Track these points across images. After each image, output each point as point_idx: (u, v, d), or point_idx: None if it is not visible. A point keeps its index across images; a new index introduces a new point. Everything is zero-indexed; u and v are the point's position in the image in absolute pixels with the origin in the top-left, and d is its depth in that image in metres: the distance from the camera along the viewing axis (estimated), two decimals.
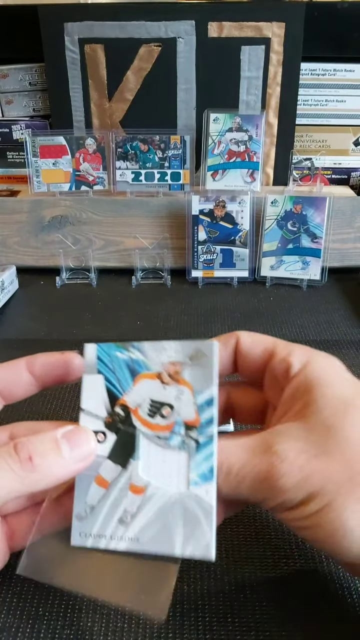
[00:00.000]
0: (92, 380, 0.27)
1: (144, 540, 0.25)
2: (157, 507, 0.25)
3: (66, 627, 0.29)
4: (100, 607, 0.30)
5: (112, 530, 0.25)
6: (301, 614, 0.30)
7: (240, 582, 0.32)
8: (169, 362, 0.26)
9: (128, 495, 0.26)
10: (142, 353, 0.27)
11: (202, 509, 0.25)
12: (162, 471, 0.25)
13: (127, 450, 0.26)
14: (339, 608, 0.30)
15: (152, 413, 0.26)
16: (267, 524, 0.35)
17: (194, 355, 0.26)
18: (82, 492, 0.26)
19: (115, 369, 0.27)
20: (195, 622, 0.29)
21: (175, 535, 0.25)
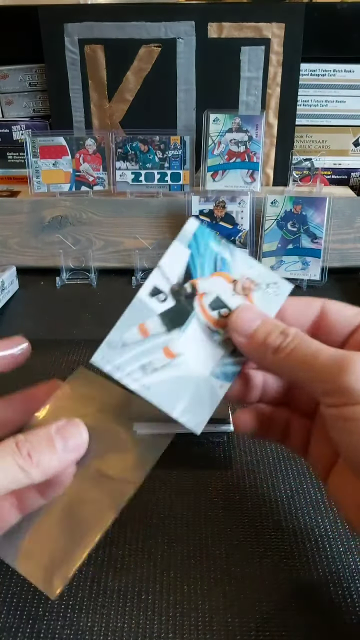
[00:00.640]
0: (180, 250, 0.29)
1: (153, 392, 0.27)
2: (177, 374, 0.28)
3: (66, 627, 0.29)
4: (100, 607, 0.30)
5: (131, 370, 0.27)
6: (302, 614, 0.30)
7: (240, 582, 0.32)
8: (248, 278, 0.29)
9: (159, 352, 0.28)
10: (232, 257, 0.29)
11: (211, 396, 0.28)
12: (196, 352, 0.28)
13: (177, 319, 0.28)
14: (338, 608, 0.30)
15: (214, 307, 0.28)
16: (268, 525, 0.35)
17: (271, 285, 0.29)
18: (122, 328, 0.28)
19: (203, 254, 0.29)
20: (195, 622, 0.29)
21: (180, 401, 0.27)
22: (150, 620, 0.30)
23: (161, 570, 0.32)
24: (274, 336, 0.27)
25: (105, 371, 0.28)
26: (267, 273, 0.29)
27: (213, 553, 0.33)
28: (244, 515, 0.36)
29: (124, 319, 0.28)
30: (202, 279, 0.28)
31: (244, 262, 0.29)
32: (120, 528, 0.35)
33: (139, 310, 0.28)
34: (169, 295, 0.28)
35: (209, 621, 0.29)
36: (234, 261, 0.29)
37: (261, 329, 0.27)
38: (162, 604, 0.30)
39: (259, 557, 0.33)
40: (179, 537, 0.34)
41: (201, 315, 0.28)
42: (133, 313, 0.28)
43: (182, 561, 0.33)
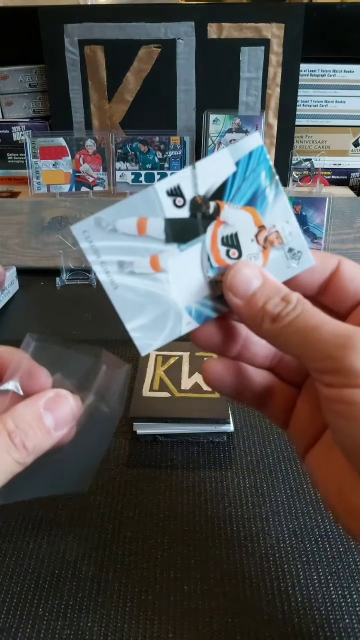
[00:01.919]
0: (226, 161, 0.25)
1: (119, 293, 0.25)
2: (152, 289, 0.25)
3: (66, 627, 0.29)
4: (100, 607, 0.30)
5: (108, 260, 0.25)
6: (302, 614, 0.30)
7: (240, 582, 0.32)
8: (277, 232, 0.25)
9: (146, 258, 0.25)
10: (274, 200, 0.25)
11: (173, 327, 0.26)
12: (182, 278, 0.25)
13: (182, 235, 0.25)
14: (339, 608, 0.30)
15: (225, 242, 0.25)
16: (268, 525, 0.35)
17: (294, 252, 0.26)
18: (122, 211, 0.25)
19: (248, 179, 0.25)
20: (195, 622, 0.29)
21: (140, 316, 0.25)
22: (150, 620, 0.30)
23: (161, 570, 0.32)
24: (274, 302, 0.24)
25: (81, 247, 0.25)
26: (298, 237, 0.26)
27: (213, 553, 0.33)
28: (244, 515, 0.36)
29: (128, 203, 0.24)
30: (231, 205, 0.25)
31: (284, 212, 0.25)
32: (120, 528, 0.35)
33: (148, 202, 0.24)
34: (187, 203, 0.25)
35: (209, 621, 0.29)
36: (274, 206, 0.25)
37: (260, 291, 0.24)
38: (162, 604, 0.30)
39: (259, 557, 0.33)
40: (179, 538, 0.34)
41: (209, 243, 0.25)
42: (140, 201, 0.24)
43: (182, 561, 0.33)
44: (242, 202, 0.25)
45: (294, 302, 0.24)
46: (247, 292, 0.25)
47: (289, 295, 0.24)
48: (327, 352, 0.22)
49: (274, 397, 0.28)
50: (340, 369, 0.22)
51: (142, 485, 0.38)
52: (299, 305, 0.23)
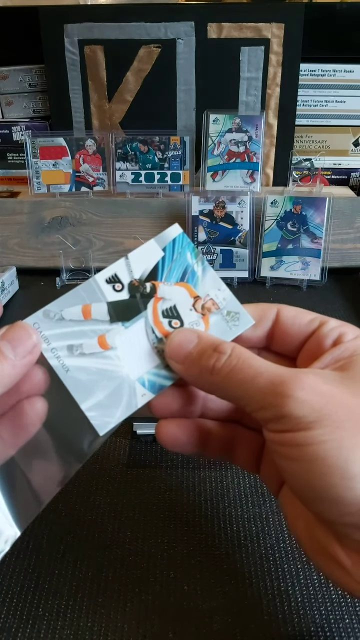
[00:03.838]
0: (154, 249, 0.28)
1: (71, 375, 0.26)
2: (103, 367, 0.26)
3: (66, 627, 0.29)
4: (100, 607, 0.30)
5: (58, 346, 0.26)
6: (302, 614, 0.30)
7: (240, 582, 0.32)
8: (211, 299, 0.28)
9: (93, 339, 0.27)
10: (203, 273, 0.28)
11: (128, 402, 0.26)
12: (131, 353, 0.27)
13: (125, 314, 0.27)
14: (338, 608, 0.30)
15: (166, 314, 0.27)
16: (269, 524, 0.35)
17: (232, 314, 0.28)
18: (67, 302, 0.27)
19: (176, 261, 0.28)
20: (195, 622, 0.29)
21: (94, 395, 0.26)
22: (150, 620, 0.30)
23: (161, 570, 0.32)
24: (208, 355, 0.25)
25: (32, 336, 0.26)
26: (232, 301, 0.28)
27: (213, 553, 0.33)
28: (244, 515, 0.36)
29: (71, 294, 0.27)
30: (166, 283, 0.28)
31: (214, 282, 0.28)
32: (120, 528, 0.35)
33: (90, 291, 0.27)
34: (126, 287, 0.27)
35: (209, 621, 0.29)
36: (204, 278, 0.28)
37: (195, 349, 0.26)
38: (162, 604, 0.30)
39: (259, 557, 0.33)
40: (179, 538, 0.34)
41: (151, 318, 0.27)
42: (83, 292, 0.27)
43: (182, 561, 0.33)
44: (174, 279, 0.28)
45: (228, 352, 0.24)
46: (184, 354, 0.26)
47: (221, 346, 0.25)
48: (267, 401, 0.23)
49: (241, 446, 0.29)
50: (280, 416, 0.22)
51: (142, 485, 0.38)
52: (234, 355, 0.24)
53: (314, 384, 0.22)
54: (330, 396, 0.22)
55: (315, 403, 0.22)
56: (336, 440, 0.21)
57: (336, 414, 0.22)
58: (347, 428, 0.22)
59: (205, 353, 0.25)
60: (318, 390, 0.22)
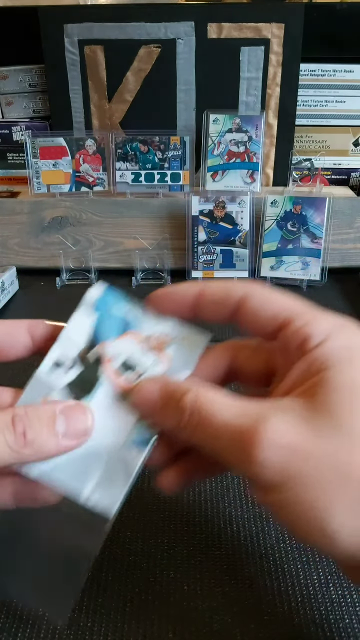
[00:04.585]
0: (85, 315, 0.27)
1: (56, 476, 0.25)
2: (85, 450, 0.25)
3: (66, 627, 0.29)
4: (100, 607, 0.30)
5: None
6: (302, 614, 0.30)
7: (240, 582, 0.32)
8: (160, 334, 0.27)
9: None
10: (142, 314, 0.27)
11: (125, 470, 0.25)
12: (105, 422, 0.26)
13: (84, 388, 0.26)
14: (338, 608, 0.30)
15: (123, 370, 0.26)
16: (269, 524, 0.35)
17: (186, 337, 0.27)
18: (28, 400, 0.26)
19: (111, 316, 0.27)
20: (195, 622, 0.29)
21: (88, 481, 0.25)
22: (150, 620, 0.30)
23: (161, 570, 0.32)
24: (171, 412, 0.24)
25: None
26: (180, 326, 0.27)
27: (213, 553, 0.33)
28: (244, 515, 0.36)
29: (24, 399, 0.26)
30: (110, 341, 0.27)
31: (155, 318, 0.27)
32: (120, 528, 0.35)
33: (39, 387, 0.26)
34: (76, 361, 0.26)
35: (209, 621, 0.29)
36: (145, 318, 0.27)
37: (160, 403, 0.24)
38: (162, 604, 0.30)
39: (259, 557, 0.33)
40: (179, 538, 0.34)
41: (110, 380, 0.26)
42: (33, 391, 0.26)
43: (182, 561, 0.33)
44: (117, 333, 0.27)
45: (188, 408, 0.23)
46: (152, 409, 0.25)
47: (182, 400, 0.23)
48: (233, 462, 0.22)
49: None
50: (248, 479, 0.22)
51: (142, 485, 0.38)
52: (194, 412, 0.23)
53: (277, 436, 0.21)
54: (296, 449, 0.20)
55: (280, 462, 0.20)
56: (309, 501, 0.20)
57: (304, 470, 0.20)
58: (317, 484, 0.20)
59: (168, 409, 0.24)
60: (282, 444, 0.21)
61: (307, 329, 0.23)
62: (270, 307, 0.25)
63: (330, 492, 0.20)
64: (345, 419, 0.21)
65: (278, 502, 0.21)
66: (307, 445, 0.21)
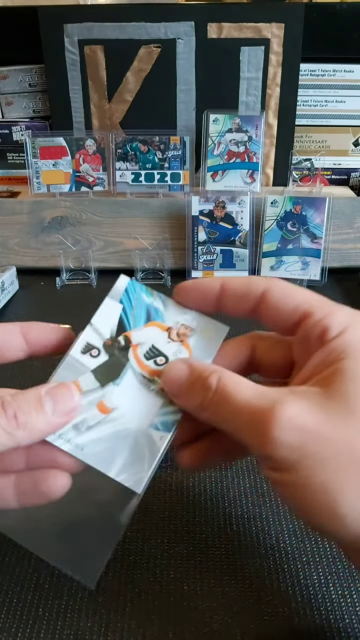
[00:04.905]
0: (111, 306, 0.29)
1: (87, 452, 0.26)
2: (113, 430, 0.27)
3: (66, 627, 0.29)
4: (100, 607, 0.30)
5: (64, 430, 0.26)
6: (302, 614, 0.30)
7: (240, 582, 0.32)
8: (182, 324, 0.29)
9: (94, 409, 0.27)
10: (164, 305, 0.29)
11: (150, 450, 0.26)
12: (133, 405, 0.27)
13: (111, 373, 0.28)
14: (339, 608, 0.30)
15: (149, 356, 0.28)
16: (268, 524, 0.35)
17: (206, 329, 0.29)
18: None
19: (136, 306, 0.29)
20: (195, 622, 0.29)
21: (116, 459, 0.26)
22: (150, 620, 0.30)
23: (161, 570, 0.32)
24: (197, 391, 0.25)
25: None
26: (201, 317, 0.29)
27: (213, 553, 0.33)
28: (244, 515, 0.36)
29: (56, 378, 0.27)
30: (136, 330, 0.28)
31: (177, 309, 0.29)
32: None
33: (71, 368, 0.27)
34: (102, 350, 0.28)
35: (209, 621, 0.29)
36: (167, 310, 0.29)
37: (187, 383, 0.26)
38: (162, 604, 0.30)
39: (259, 557, 0.33)
40: (179, 538, 0.34)
41: (136, 366, 0.28)
42: (66, 372, 0.27)
43: (182, 561, 0.33)
44: (142, 323, 0.29)
45: (213, 387, 0.24)
46: (178, 387, 0.26)
47: (208, 380, 0.24)
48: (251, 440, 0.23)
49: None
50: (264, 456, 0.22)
51: None
52: (218, 391, 0.24)
53: (294, 417, 0.22)
54: (311, 431, 0.21)
55: (295, 442, 0.21)
56: (321, 482, 0.21)
57: (318, 452, 0.21)
58: (330, 466, 0.21)
59: (195, 388, 0.25)
60: (298, 425, 0.21)
61: (327, 321, 0.24)
62: (290, 300, 0.26)
63: (343, 475, 0.21)
64: (358, 407, 0.22)
65: (291, 482, 0.22)
66: (321, 428, 0.21)
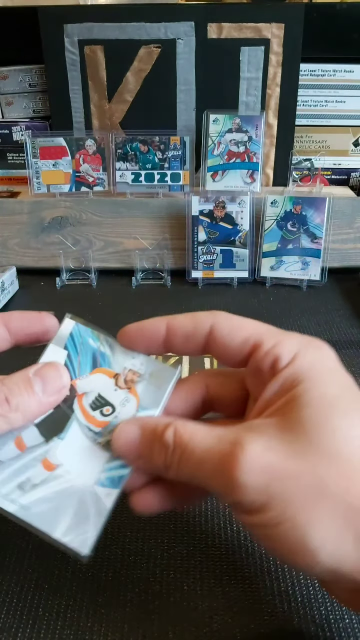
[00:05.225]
0: (55, 352, 0.28)
1: (32, 512, 0.25)
2: (58, 488, 0.26)
3: (66, 627, 0.29)
4: (100, 607, 0.30)
5: (8, 490, 0.26)
6: (302, 614, 0.30)
7: (240, 582, 0.32)
8: (130, 370, 0.27)
9: (37, 466, 0.26)
10: (111, 350, 0.28)
11: (97, 508, 0.25)
12: (78, 459, 0.26)
13: (56, 427, 0.27)
14: (339, 608, 0.30)
15: (95, 406, 0.27)
16: None
17: (155, 373, 0.27)
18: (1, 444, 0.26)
19: (81, 352, 0.28)
20: (195, 622, 0.29)
21: (61, 520, 0.25)
22: (150, 620, 0.30)
23: (161, 570, 0.32)
24: (156, 451, 0.24)
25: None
26: (149, 361, 0.27)
27: (213, 553, 0.33)
28: None
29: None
30: (81, 378, 0.27)
31: (124, 353, 0.28)
32: (120, 528, 0.35)
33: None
34: None
35: (209, 621, 0.29)
36: (114, 354, 0.28)
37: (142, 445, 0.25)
38: (162, 604, 0.30)
39: (259, 557, 0.33)
40: (179, 538, 0.34)
41: (82, 417, 0.27)
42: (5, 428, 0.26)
43: (182, 561, 0.33)
44: (88, 370, 0.27)
45: (171, 443, 0.24)
46: (136, 452, 0.25)
47: (164, 436, 0.24)
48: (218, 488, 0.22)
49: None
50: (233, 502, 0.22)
51: None
52: (177, 447, 0.23)
53: (255, 458, 0.21)
54: (275, 469, 0.21)
55: (261, 484, 0.21)
56: (289, 519, 0.21)
57: (284, 490, 0.21)
58: (298, 502, 0.21)
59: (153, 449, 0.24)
60: (261, 465, 0.21)
61: (277, 350, 0.24)
62: (239, 333, 0.25)
63: (310, 509, 0.21)
64: (318, 434, 0.22)
65: (262, 523, 0.22)
66: (284, 465, 0.21)
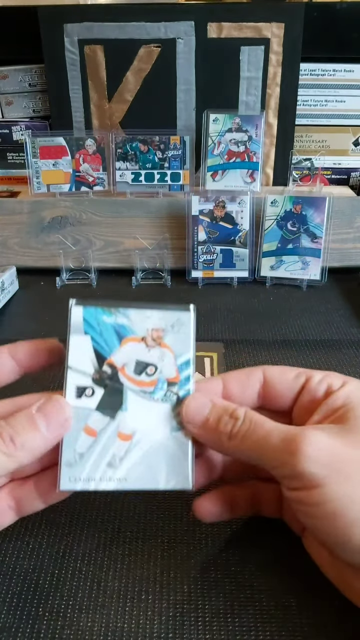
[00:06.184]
0: (79, 341, 0.29)
1: (131, 480, 0.28)
2: (143, 451, 0.28)
3: (66, 627, 0.29)
4: (100, 607, 0.30)
5: (101, 473, 0.28)
6: (302, 613, 0.30)
7: (240, 582, 0.32)
8: (152, 329, 0.29)
9: (116, 441, 0.28)
10: (127, 319, 0.29)
11: (181, 448, 0.28)
12: (147, 420, 0.29)
13: (114, 402, 0.29)
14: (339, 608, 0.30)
15: (138, 371, 0.29)
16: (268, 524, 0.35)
17: (175, 323, 0.30)
18: (71, 442, 0.28)
19: (102, 331, 0.29)
20: (195, 622, 0.29)
21: (159, 472, 0.28)
22: (150, 620, 0.30)
23: (161, 570, 0.32)
24: (225, 421, 0.27)
25: (78, 490, 0.28)
26: (163, 314, 0.29)
27: (213, 553, 0.33)
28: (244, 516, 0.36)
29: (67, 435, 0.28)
30: (114, 354, 0.29)
31: (139, 316, 0.29)
32: (120, 528, 0.35)
33: (75, 416, 0.28)
34: (94, 386, 0.29)
35: (209, 621, 0.29)
36: (131, 321, 0.29)
37: (212, 415, 0.28)
38: (162, 604, 0.30)
39: (259, 557, 0.33)
40: (179, 537, 0.34)
41: (132, 385, 0.29)
42: (74, 423, 0.28)
43: (182, 561, 0.33)
44: (116, 344, 0.29)
45: (242, 417, 0.27)
46: (201, 419, 0.28)
47: (236, 411, 0.27)
48: (281, 459, 0.25)
49: (263, 499, 0.32)
50: (294, 474, 0.25)
51: None
52: (247, 419, 0.27)
53: (320, 439, 0.25)
54: (336, 450, 0.24)
55: (324, 459, 0.24)
56: (348, 495, 0.23)
57: (344, 468, 0.24)
58: (356, 480, 0.24)
59: (221, 419, 0.27)
60: (325, 445, 0.24)
61: (329, 379, 0.29)
62: (289, 372, 0.30)
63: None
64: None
65: (318, 499, 0.24)
66: (344, 449, 0.25)
